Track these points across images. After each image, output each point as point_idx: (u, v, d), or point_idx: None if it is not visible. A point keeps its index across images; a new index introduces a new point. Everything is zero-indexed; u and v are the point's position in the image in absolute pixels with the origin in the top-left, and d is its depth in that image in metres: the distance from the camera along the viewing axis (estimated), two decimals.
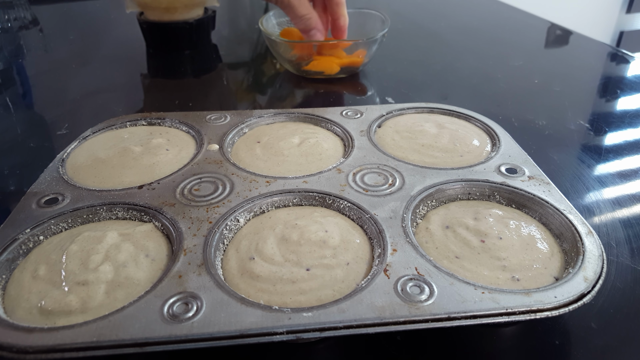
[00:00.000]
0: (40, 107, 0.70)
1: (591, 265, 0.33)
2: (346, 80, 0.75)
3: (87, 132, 0.51)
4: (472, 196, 0.43)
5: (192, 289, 0.31)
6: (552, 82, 0.76)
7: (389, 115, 0.55)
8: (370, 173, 0.44)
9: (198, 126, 0.52)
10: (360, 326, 0.29)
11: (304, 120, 0.54)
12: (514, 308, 0.30)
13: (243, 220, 0.39)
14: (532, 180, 0.43)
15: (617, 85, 0.76)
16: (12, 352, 0.27)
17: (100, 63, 0.83)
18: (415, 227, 0.39)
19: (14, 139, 0.59)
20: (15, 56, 0.87)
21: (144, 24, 0.84)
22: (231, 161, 0.46)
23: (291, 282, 0.33)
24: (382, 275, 0.32)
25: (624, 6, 2.31)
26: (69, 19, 1.09)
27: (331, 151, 0.48)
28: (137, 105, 0.69)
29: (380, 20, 0.77)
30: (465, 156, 0.47)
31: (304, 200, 0.41)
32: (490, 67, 0.82)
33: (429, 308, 0.30)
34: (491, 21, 1.10)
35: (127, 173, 0.44)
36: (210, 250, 0.35)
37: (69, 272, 0.33)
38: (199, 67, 0.81)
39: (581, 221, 0.37)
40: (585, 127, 0.63)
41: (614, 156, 0.56)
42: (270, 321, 0.29)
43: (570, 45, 0.96)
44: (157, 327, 0.28)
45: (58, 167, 0.45)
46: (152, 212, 0.39)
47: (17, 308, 0.31)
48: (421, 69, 0.82)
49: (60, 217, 0.38)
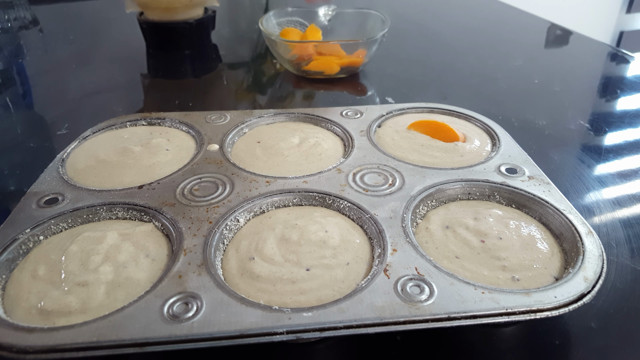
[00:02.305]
0: (40, 107, 0.70)
1: (591, 265, 0.33)
2: (346, 80, 0.75)
3: (87, 132, 0.51)
4: (472, 196, 0.43)
5: (192, 289, 0.31)
6: (552, 82, 0.76)
7: (389, 115, 0.55)
8: (370, 173, 0.44)
9: (198, 126, 0.52)
10: (360, 326, 0.29)
11: (304, 120, 0.54)
12: (514, 308, 0.30)
13: (243, 220, 0.39)
14: (532, 180, 0.43)
15: (617, 85, 0.76)
16: (12, 352, 0.27)
17: (100, 63, 0.83)
18: (415, 227, 0.39)
19: (14, 139, 0.59)
20: (15, 56, 0.87)
21: (144, 24, 0.84)
22: (231, 161, 0.46)
23: (291, 282, 0.33)
24: (382, 275, 0.32)
25: (624, 6, 2.31)
26: (69, 19, 1.09)
27: (331, 151, 0.48)
28: (137, 105, 0.69)
29: (380, 20, 0.77)
30: (466, 156, 0.47)
31: (304, 200, 0.41)
32: (490, 67, 0.82)
33: (429, 308, 0.30)
34: (491, 21, 1.10)
35: (127, 173, 0.44)
36: (210, 250, 0.35)
37: (69, 272, 0.33)
38: (199, 67, 0.81)
39: (581, 221, 0.37)
40: (585, 127, 0.63)
41: (614, 156, 0.56)
42: (270, 321, 0.29)
43: (570, 45, 0.96)
44: (157, 327, 0.28)
45: (58, 167, 0.45)
46: (152, 212, 0.39)
47: (17, 308, 0.31)
48: (421, 69, 0.82)
49: (60, 217, 0.38)
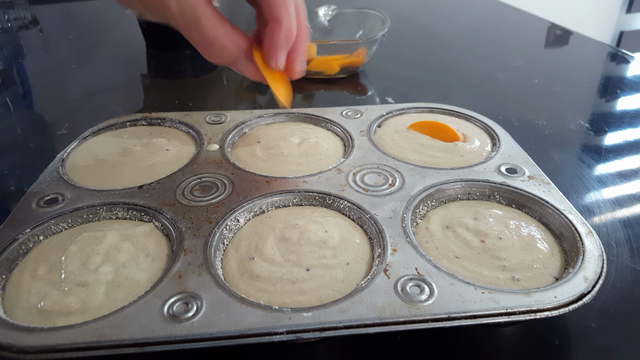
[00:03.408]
0: (40, 107, 0.70)
1: (591, 265, 0.33)
2: (346, 80, 0.75)
3: (87, 132, 0.51)
4: (472, 196, 0.43)
5: (192, 289, 0.31)
6: (552, 82, 0.76)
7: (389, 115, 0.55)
8: (370, 173, 0.44)
9: (198, 126, 0.52)
10: (360, 326, 0.29)
11: (304, 120, 0.54)
12: (514, 308, 0.30)
13: (243, 220, 0.39)
14: (532, 180, 0.43)
15: (617, 85, 0.76)
16: (12, 352, 0.27)
17: (100, 63, 0.83)
18: (415, 227, 0.39)
19: (14, 139, 0.59)
20: (15, 56, 0.87)
21: (144, 24, 0.84)
22: (231, 161, 0.46)
23: (291, 282, 0.33)
24: (382, 275, 0.32)
25: (624, 6, 2.31)
26: (69, 19, 1.09)
27: (331, 151, 0.48)
28: (137, 105, 0.69)
29: (380, 20, 0.77)
30: (466, 156, 0.47)
31: (304, 200, 0.41)
32: (490, 67, 0.82)
33: (429, 308, 0.30)
34: (491, 21, 1.10)
35: (127, 173, 0.44)
36: (210, 250, 0.35)
37: (69, 272, 0.33)
38: (199, 67, 0.81)
39: (581, 221, 0.37)
40: (585, 127, 0.63)
41: (614, 156, 0.56)
42: (270, 321, 0.29)
43: (570, 45, 0.96)
44: (157, 327, 0.28)
45: (58, 167, 0.45)
46: (152, 212, 0.39)
47: (17, 308, 0.31)
48: (421, 69, 0.82)
49: (60, 217, 0.38)
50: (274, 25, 0.38)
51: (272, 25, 0.38)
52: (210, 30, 0.37)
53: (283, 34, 0.38)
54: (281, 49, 0.39)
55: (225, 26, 0.38)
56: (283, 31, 0.38)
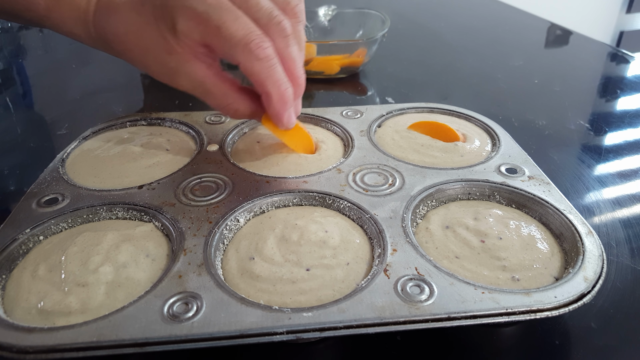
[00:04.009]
0: (40, 107, 0.70)
1: (591, 265, 0.33)
2: (346, 80, 0.75)
3: (87, 132, 0.51)
4: (472, 196, 0.43)
5: (192, 289, 0.31)
6: (552, 82, 0.76)
7: (389, 115, 0.55)
8: (370, 173, 0.44)
9: (198, 126, 0.52)
10: (360, 326, 0.29)
11: (304, 120, 0.54)
12: (514, 308, 0.30)
13: (243, 220, 0.39)
14: (532, 180, 0.43)
15: (617, 85, 0.76)
16: (12, 352, 0.27)
17: (100, 63, 0.83)
18: (415, 227, 0.39)
19: (14, 139, 0.59)
20: (15, 56, 0.87)
21: None
22: (231, 161, 0.46)
23: (291, 282, 0.33)
24: (382, 275, 0.32)
25: (624, 6, 2.32)
26: None
27: (331, 151, 0.48)
28: (137, 105, 0.69)
29: (380, 20, 0.77)
30: (466, 156, 0.47)
31: (304, 200, 0.41)
32: (490, 67, 0.82)
33: (429, 308, 0.30)
34: (491, 21, 1.10)
35: (127, 173, 0.44)
36: (210, 250, 0.35)
37: (69, 272, 0.33)
38: None
39: (581, 221, 0.37)
40: (585, 127, 0.63)
41: (614, 156, 0.56)
42: (270, 321, 0.29)
43: (570, 45, 0.96)
44: (157, 327, 0.28)
45: (58, 167, 0.45)
46: (152, 212, 0.39)
47: (17, 308, 0.31)
48: (421, 69, 0.82)
49: (60, 217, 0.38)
50: (266, 99, 0.40)
51: (265, 99, 0.40)
52: (221, 99, 0.41)
53: (278, 104, 0.39)
54: (283, 114, 0.40)
55: (235, 92, 0.41)
56: (276, 102, 0.39)
